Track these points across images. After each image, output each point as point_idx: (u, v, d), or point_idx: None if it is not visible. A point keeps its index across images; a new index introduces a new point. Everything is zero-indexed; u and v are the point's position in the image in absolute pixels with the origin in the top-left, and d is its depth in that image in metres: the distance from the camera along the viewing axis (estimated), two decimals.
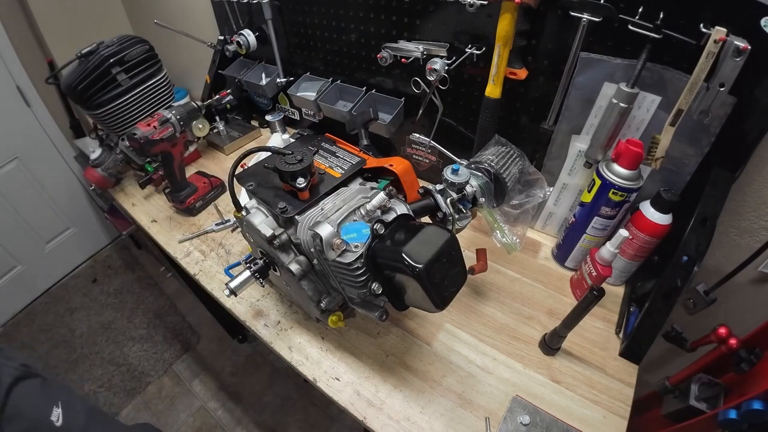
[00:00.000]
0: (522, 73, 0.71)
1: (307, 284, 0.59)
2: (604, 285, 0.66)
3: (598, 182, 0.66)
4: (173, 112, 0.91)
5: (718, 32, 0.51)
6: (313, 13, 0.96)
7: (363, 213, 0.54)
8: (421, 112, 0.88)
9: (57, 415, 0.65)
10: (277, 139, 1.16)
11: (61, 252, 2.02)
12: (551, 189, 0.78)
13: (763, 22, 0.50)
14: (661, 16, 0.55)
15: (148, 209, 1.03)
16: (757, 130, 0.58)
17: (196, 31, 1.22)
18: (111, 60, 0.90)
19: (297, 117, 1.23)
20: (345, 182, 0.62)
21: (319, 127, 1.17)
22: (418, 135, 0.94)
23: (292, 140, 1.12)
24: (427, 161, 1.00)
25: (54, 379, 0.70)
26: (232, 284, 0.62)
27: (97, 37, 0.97)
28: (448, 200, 0.59)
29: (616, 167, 0.64)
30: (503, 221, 0.69)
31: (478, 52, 0.74)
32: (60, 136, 1.83)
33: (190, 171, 1.09)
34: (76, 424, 0.68)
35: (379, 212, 0.53)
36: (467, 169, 0.62)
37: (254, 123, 1.32)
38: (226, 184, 0.65)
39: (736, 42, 0.50)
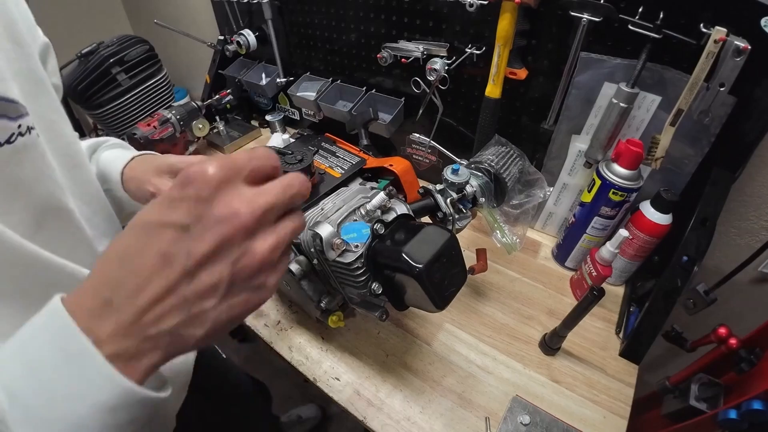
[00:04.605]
0: (522, 73, 0.71)
1: (307, 284, 0.59)
2: (604, 285, 0.66)
3: (598, 182, 0.66)
4: (173, 112, 0.91)
5: (718, 32, 0.51)
6: (313, 13, 0.96)
7: (363, 213, 0.54)
8: (421, 112, 0.88)
9: None
10: (277, 139, 1.16)
11: None
12: (551, 189, 0.78)
13: (763, 22, 0.50)
14: (661, 16, 0.55)
15: None
16: (757, 130, 0.58)
17: (196, 31, 1.22)
18: (111, 60, 0.90)
19: (297, 117, 1.23)
20: (345, 182, 0.62)
21: (319, 127, 1.17)
22: (418, 135, 0.94)
23: (292, 140, 1.12)
24: (427, 161, 1.00)
25: None
26: None
27: (97, 37, 0.97)
28: (448, 200, 0.59)
29: (616, 167, 0.64)
30: (503, 221, 0.69)
31: (478, 52, 0.74)
32: None
33: None
34: None
35: (379, 212, 0.53)
36: (467, 169, 0.62)
37: (254, 123, 1.32)
38: None
39: (736, 42, 0.50)
